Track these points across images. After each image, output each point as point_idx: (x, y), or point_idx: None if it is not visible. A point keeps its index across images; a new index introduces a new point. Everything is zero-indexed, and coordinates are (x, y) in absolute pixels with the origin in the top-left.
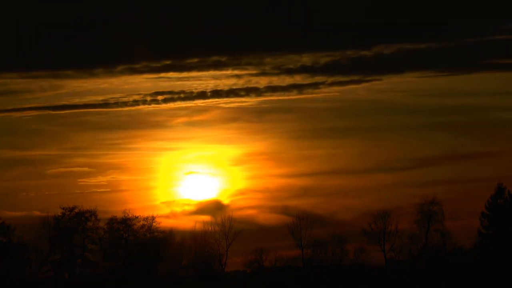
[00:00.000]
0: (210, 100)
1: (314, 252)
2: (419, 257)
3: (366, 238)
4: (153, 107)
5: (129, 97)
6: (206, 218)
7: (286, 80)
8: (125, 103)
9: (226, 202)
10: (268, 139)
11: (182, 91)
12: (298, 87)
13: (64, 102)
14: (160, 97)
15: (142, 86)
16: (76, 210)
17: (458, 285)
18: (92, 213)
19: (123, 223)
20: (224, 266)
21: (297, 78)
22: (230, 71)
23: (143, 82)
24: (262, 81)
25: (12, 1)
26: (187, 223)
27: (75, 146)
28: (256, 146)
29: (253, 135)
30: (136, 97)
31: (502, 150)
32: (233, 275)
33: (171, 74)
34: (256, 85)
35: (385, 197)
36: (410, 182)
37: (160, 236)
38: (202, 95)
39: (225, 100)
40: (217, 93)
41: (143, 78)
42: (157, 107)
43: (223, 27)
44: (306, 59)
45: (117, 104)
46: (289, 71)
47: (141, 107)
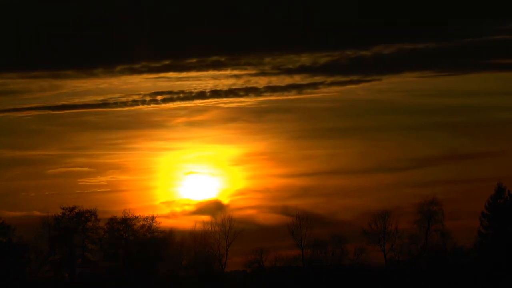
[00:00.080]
0: (209, 100)
1: (314, 252)
2: (419, 257)
3: (366, 238)
4: (153, 107)
5: (129, 97)
6: (206, 218)
7: (286, 80)
8: (125, 103)
9: (226, 202)
10: (268, 139)
11: (182, 91)
12: (298, 87)
13: (64, 102)
14: (160, 97)
15: (142, 86)
16: (76, 210)
17: (458, 285)
18: (92, 213)
19: (123, 223)
20: (224, 266)
21: (297, 78)
22: (229, 71)
23: (143, 82)
24: (262, 81)
25: (12, 1)
26: (187, 223)
27: (75, 146)
28: (256, 146)
29: (253, 135)
30: (136, 97)
31: (502, 150)
32: (233, 275)
33: (171, 74)
34: (256, 85)
35: (385, 197)
36: (410, 182)
37: (160, 236)
38: (201, 95)
39: (225, 100)
40: (216, 93)
41: (143, 78)
42: (157, 107)
43: (222, 27)
44: (306, 59)
45: (117, 104)
46: (289, 71)
47: (141, 107)
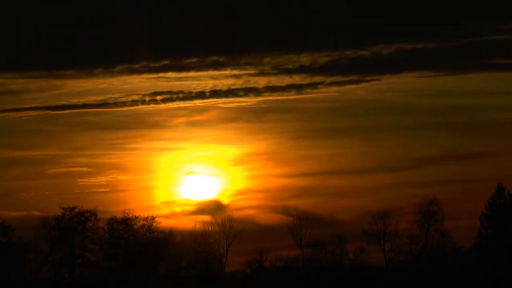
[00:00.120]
0: (209, 100)
1: (314, 252)
2: (419, 257)
3: (366, 238)
4: (152, 107)
5: (128, 97)
6: (206, 218)
7: (285, 80)
8: (124, 103)
9: (226, 202)
10: (268, 139)
11: (181, 91)
12: (297, 87)
13: (64, 102)
14: (159, 97)
15: (141, 86)
16: (76, 210)
17: (458, 285)
18: (92, 213)
19: (123, 223)
20: (224, 266)
21: (296, 78)
22: (229, 71)
23: (142, 82)
24: (261, 81)
25: (12, 1)
26: (187, 223)
27: (75, 146)
28: (256, 146)
29: (253, 135)
30: (135, 97)
31: (502, 150)
32: (233, 275)
33: (170, 74)
34: (255, 85)
35: (385, 197)
36: (410, 182)
37: (160, 236)
38: (201, 95)
39: (224, 100)
40: (216, 93)
41: (142, 78)
42: (156, 107)
43: (222, 27)
44: (305, 59)
45: (116, 104)
46: (288, 71)
47: (140, 107)
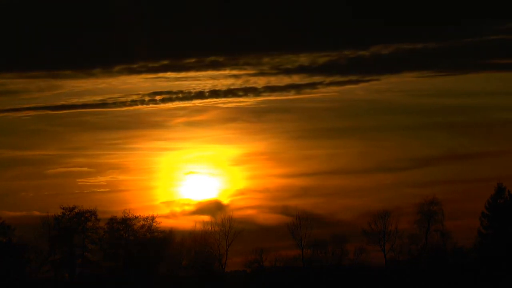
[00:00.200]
0: (208, 100)
1: (314, 252)
2: (419, 257)
3: (366, 238)
4: (152, 107)
5: (128, 97)
6: (206, 218)
7: (284, 80)
8: (124, 103)
9: (226, 202)
10: (268, 139)
11: (180, 91)
12: (296, 87)
13: (63, 102)
14: (158, 97)
15: (140, 86)
16: (76, 210)
17: (458, 285)
18: (92, 213)
19: (123, 223)
20: (224, 266)
21: (295, 78)
22: (228, 71)
23: (141, 82)
24: (260, 81)
25: (12, 1)
26: (187, 223)
27: (74, 146)
28: (256, 146)
29: (253, 135)
30: (135, 97)
31: (501, 150)
32: (233, 275)
33: (169, 74)
34: (254, 85)
35: (385, 197)
36: (410, 182)
37: (160, 236)
38: (200, 95)
39: (223, 100)
40: (215, 93)
41: (141, 78)
42: (156, 107)
43: (221, 27)
44: (304, 59)
45: (116, 104)
46: (287, 71)
47: (140, 107)
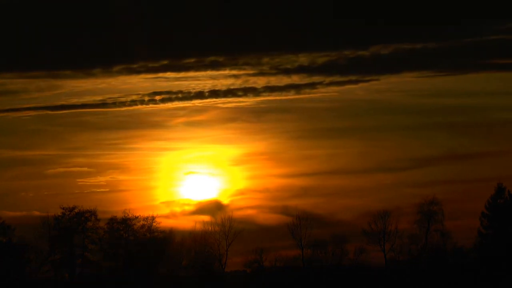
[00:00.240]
0: (208, 100)
1: (314, 252)
2: (419, 257)
3: (366, 238)
4: (151, 107)
5: (127, 97)
6: (206, 218)
7: (284, 80)
8: (123, 103)
9: (226, 202)
10: (268, 139)
11: (180, 91)
12: (296, 87)
13: (63, 102)
14: (158, 97)
15: (140, 86)
16: (76, 210)
17: (458, 285)
18: (92, 213)
19: (123, 223)
20: (224, 266)
21: (295, 78)
22: (228, 71)
23: (141, 82)
24: (260, 81)
25: (12, 1)
26: (187, 223)
27: (74, 146)
28: (256, 146)
29: (253, 135)
30: (134, 97)
31: (501, 150)
32: (233, 275)
33: (169, 74)
34: (254, 85)
35: (385, 197)
36: (410, 182)
37: (160, 236)
38: (200, 95)
39: (223, 100)
40: (215, 93)
41: (141, 78)
42: (155, 107)
43: (221, 27)
44: (304, 59)
45: (115, 104)
46: (287, 71)
47: (140, 107)
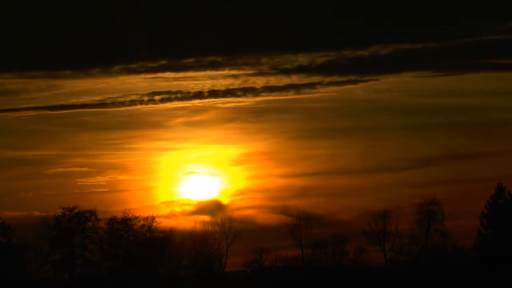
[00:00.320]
0: (207, 100)
1: (314, 252)
2: (419, 257)
3: (366, 238)
4: (151, 107)
5: (127, 97)
6: (206, 218)
7: (283, 80)
8: (123, 103)
9: (226, 202)
10: (267, 139)
11: (179, 91)
12: (295, 87)
13: (62, 102)
14: (157, 97)
15: (139, 86)
16: (76, 210)
17: (458, 285)
18: (92, 213)
19: (123, 223)
20: (224, 266)
21: (294, 78)
22: (227, 71)
23: (140, 82)
24: (259, 81)
25: (12, 1)
26: (187, 223)
27: (74, 146)
28: (256, 146)
29: (252, 135)
30: (133, 97)
31: (501, 150)
32: (233, 275)
33: (168, 74)
34: (253, 85)
35: (385, 197)
36: (410, 182)
37: (160, 236)
38: (199, 95)
39: (222, 100)
40: (214, 93)
41: (140, 78)
42: (155, 107)
43: (220, 27)
44: (303, 59)
45: (115, 104)
46: (286, 71)
47: (139, 107)
